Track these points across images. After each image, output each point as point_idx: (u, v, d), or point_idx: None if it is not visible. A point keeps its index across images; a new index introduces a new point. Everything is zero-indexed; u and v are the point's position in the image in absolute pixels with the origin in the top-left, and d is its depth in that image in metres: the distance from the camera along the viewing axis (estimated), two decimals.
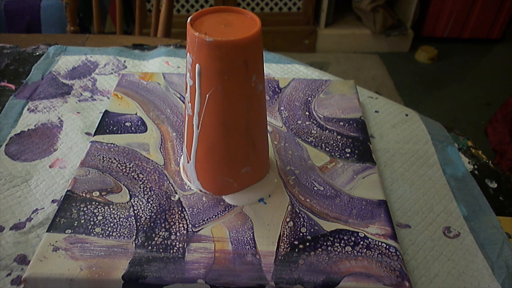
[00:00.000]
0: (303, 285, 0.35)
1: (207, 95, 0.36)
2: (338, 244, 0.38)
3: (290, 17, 2.04)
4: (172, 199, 0.41)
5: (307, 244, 0.38)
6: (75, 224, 0.38)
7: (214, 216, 0.40)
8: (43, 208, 0.42)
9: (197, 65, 0.35)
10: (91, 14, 1.02)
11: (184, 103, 0.52)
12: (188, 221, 0.39)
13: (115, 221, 0.39)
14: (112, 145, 0.47)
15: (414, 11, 2.01)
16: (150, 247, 0.37)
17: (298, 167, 0.45)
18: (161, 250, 0.36)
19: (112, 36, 0.78)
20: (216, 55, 0.34)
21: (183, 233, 0.38)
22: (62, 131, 0.52)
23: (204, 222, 0.39)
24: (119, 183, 0.42)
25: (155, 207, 0.40)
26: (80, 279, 0.34)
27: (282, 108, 0.53)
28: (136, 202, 0.41)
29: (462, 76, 1.96)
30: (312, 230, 0.39)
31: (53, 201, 0.43)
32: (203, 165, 0.41)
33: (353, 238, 0.38)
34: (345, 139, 0.49)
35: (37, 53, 0.66)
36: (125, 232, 0.38)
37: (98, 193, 0.41)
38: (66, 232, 0.37)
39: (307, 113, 0.53)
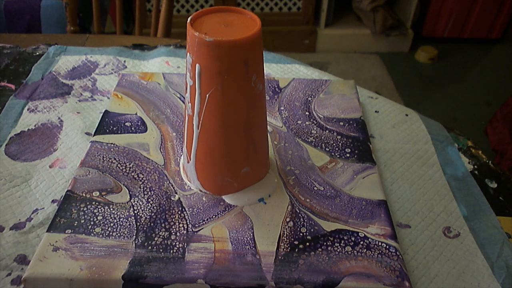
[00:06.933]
0: (303, 285, 0.35)
1: (207, 95, 0.36)
2: (338, 244, 0.38)
3: (290, 17, 2.04)
4: (172, 199, 0.41)
5: (307, 244, 0.38)
6: (75, 224, 0.38)
7: (214, 216, 0.40)
8: (43, 208, 0.42)
9: (197, 65, 0.35)
10: (91, 14, 1.02)
11: (184, 103, 0.52)
12: (188, 221, 0.39)
13: (115, 221, 0.39)
14: (112, 145, 0.47)
15: (414, 11, 2.01)
16: (150, 247, 0.37)
17: (298, 167, 0.45)
18: (161, 250, 0.36)
19: (112, 36, 0.78)
20: (216, 55, 0.34)
21: (183, 233, 0.38)
22: (62, 131, 0.52)
23: (204, 222, 0.39)
24: (119, 183, 0.42)
25: (155, 207, 0.40)
26: (80, 279, 0.34)
27: (282, 108, 0.53)
28: (136, 202, 0.41)
29: (462, 76, 1.96)
30: (312, 230, 0.39)
31: (53, 201, 0.43)
32: (203, 165, 0.41)
33: (353, 238, 0.38)
34: (345, 139, 0.49)
35: (37, 53, 0.66)
36: (125, 232, 0.38)
37: (98, 193, 0.41)
38: (66, 232, 0.37)
39: (307, 113, 0.53)
